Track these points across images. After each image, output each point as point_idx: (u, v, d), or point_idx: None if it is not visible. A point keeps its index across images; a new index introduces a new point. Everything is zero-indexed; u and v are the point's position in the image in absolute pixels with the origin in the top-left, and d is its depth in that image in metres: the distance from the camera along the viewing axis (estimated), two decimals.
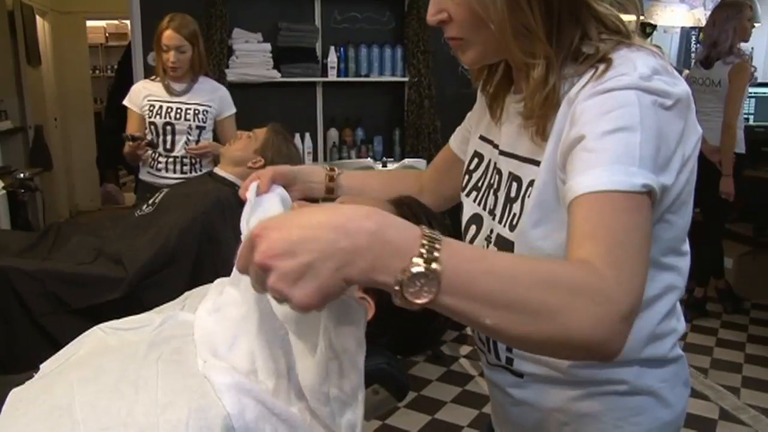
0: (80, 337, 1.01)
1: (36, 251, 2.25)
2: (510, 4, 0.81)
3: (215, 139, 3.07)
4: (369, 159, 3.90)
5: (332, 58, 4.37)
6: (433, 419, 2.88)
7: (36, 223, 3.76)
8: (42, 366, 0.98)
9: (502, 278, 0.60)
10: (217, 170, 2.45)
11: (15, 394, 0.87)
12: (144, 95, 2.94)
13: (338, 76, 4.42)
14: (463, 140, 1.16)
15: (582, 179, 0.73)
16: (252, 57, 4.20)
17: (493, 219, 0.95)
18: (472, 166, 1.08)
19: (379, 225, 0.59)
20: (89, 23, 7.09)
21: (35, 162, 5.23)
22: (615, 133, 0.74)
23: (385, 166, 3.67)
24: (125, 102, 3.01)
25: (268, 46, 4.21)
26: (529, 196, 0.88)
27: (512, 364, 0.98)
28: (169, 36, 2.82)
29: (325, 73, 4.40)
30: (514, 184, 0.92)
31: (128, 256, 2.14)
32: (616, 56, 0.82)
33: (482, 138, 1.07)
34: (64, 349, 1.01)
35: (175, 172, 2.96)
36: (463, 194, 1.09)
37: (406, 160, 3.71)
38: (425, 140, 4.58)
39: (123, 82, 4.45)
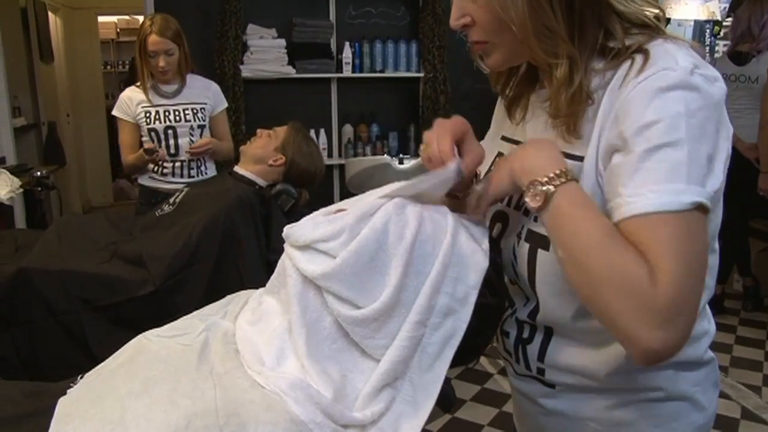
0: (125, 346, 0.99)
1: (50, 248, 2.24)
2: (531, 5, 0.81)
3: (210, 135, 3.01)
4: (386, 156, 3.87)
5: (347, 53, 4.34)
6: (453, 418, 2.86)
7: (52, 221, 3.75)
8: (86, 376, 0.96)
9: (581, 235, 0.76)
10: (237, 169, 2.42)
11: (63, 407, 0.85)
12: (137, 102, 2.82)
13: (353, 71, 4.40)
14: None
15: (631, 199, 0.74)
16: (266, 53, 4.18)
17: (526, 215, 0.93)
18: (493, 167, 1.06)
19: (545, 146, 0.85)
20: (100, 19, 7.08)
21: (49, 158, 5.23)
22: (662, 149, 0.73)
23: (402, 164, 3.62)
24: (115, 113, 2.86)
25: (282, 41, 4.20)
26: None
27: (544, 374, 0.96)
28: (154, 41, 2.71)
29: (339, 69, 4.38)
30: None
31: (150, 256, 2.12)
32: (653, 47, 0.80)
33: (504, 138, 1.07)
34: (110, 357, 0.99)
35: (182, 176, 2.88)
36: None
37: None
38: None
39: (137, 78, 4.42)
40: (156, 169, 2.87)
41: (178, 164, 2.86)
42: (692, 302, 0.71)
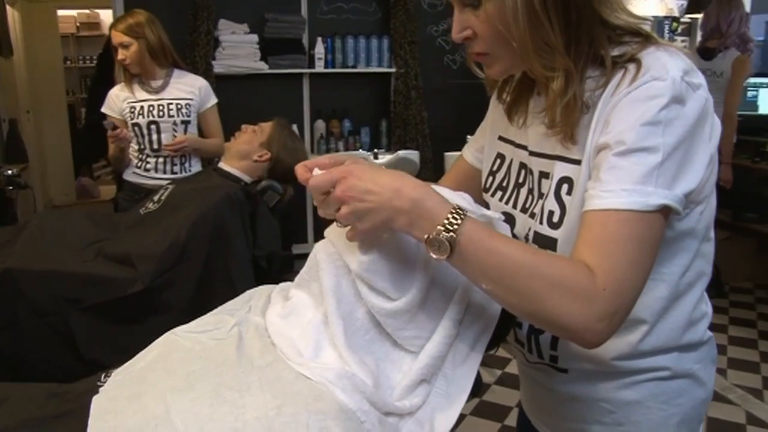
0: (154, 342, 1.00)
1: (33, 247, 2.20)
2: (531, 22, 0.84)
3: (199, 132, 2.99)
4: (361, 150, 3.88)
5: (319, 49, 4.34)
6: (481, 401, 2.81)
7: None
8: (114, 373, 0.96)
9: (499, 259, 0.77)
10: (222, 165, 2.41)
11: (99, 404, 0.85)
12: (123, 99, 2.83)
13: (325, 67, 4.40)
14: (478, 149, 1.17)
15: (601, 194, 0.80)
16: (239, 48, 4.16)
17: (532, 218, 0.96)
18: (495, 167, 1.10)
19: (421, 195, 0.79)
20: (60, 12, 6.91)
21: (11, 156, 5.09)
22: (638, 153, 0.79)
23: (377, 158, 3.66)
24: (104, 109, 2.88)
25: (254, 37, 4.17)
26: (568, 194, 0.90)
27: (557, 361, 1.00)
28: (113, 36, 2.77)
29: (312, 65, 4.38)
30: (544, 181, 0.95)
31: (138, 254, 2.10)
32: (645, 56, 0.84)
33: (502, 138, 1.09)
34: (138, 355, 0.99)
35: (165, 172, 2.86)
36: (487, 195, 1.10)
37: (401, 152, 3.71)
38: (412, 131, 4.58)
39: (105, 75, 4.34)
40: (139, 164, 2.85)
41: (161, 160, 2.84)
42: (631, 300, 0.78)
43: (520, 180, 1.03)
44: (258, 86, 4.30)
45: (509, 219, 1.02)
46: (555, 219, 0.91)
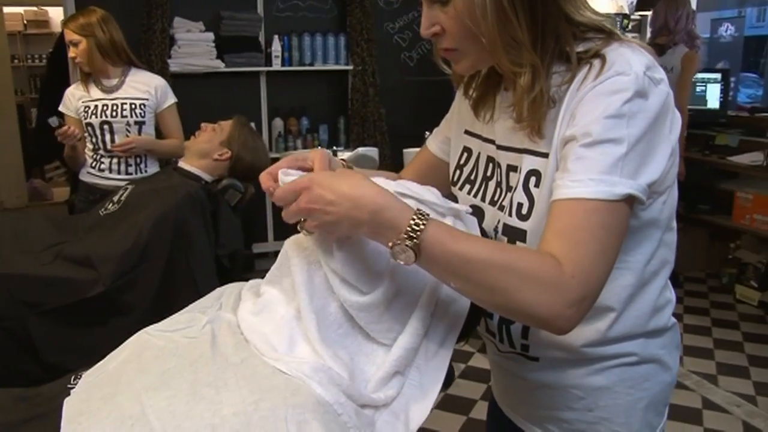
0: (126, 342, 0.99)
1: None
2: (500, 19, 0.86)
3: (158, 132, 2.96)
4: (321, 148, 3.88)
5: (276, 47, 4.33)
6: (447, 395, 2.83)
7: None
8: (85, 374, 0.96)
9: (466, 258, 0.78)
10: (182, 164, 2.39)
11: (72, 406, 0.85)
12: (78, 97, 2.80)
13: (282, 65, 4.39)
14: (443, 141, 1.19)
15: (568, 183, 0.83)
16: (195, 47, 4.12)
17: (501, 210, 0.99)
18: (462, 161, 1.12)
19: (381, 205, 0.79)
20: (6, 9, 6.70)
21: None
22: (604, 144, 0.82)
23: (336, 155, 3.65)
24: (61, 108, 2.84)
25: (210, 35, 4.14)
26: (536, 186, 0.93)
27: (528, 350, 1.03)
28: (65, 33, 2.76)
29: (269, 63, 4.36)
30: (513, 175, 0.98)
31: (98, 256, 2.08)
32: (609, 52, 0.87)
33: (468, 132, 1.11)
34: (110, 355, 0.99)
35: (119, 173, 2.81)
36: (455, 188, 1.13)
37: (360, 149, 3.71)
38: (371, 128, 4.61)
39: (57, 74, 4.24)
40: (93, 164, 2.80)
41: (115, 160, 2.79)
42: (598, 286, 0.81)
43: (488, 173, 1.05)
44: (214, 85, 4.27)
45: (478, 212, 1.04)
46: (524, 211, 0.94)
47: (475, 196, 1.07)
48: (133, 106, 2.75)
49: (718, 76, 4.27)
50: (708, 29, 5.22)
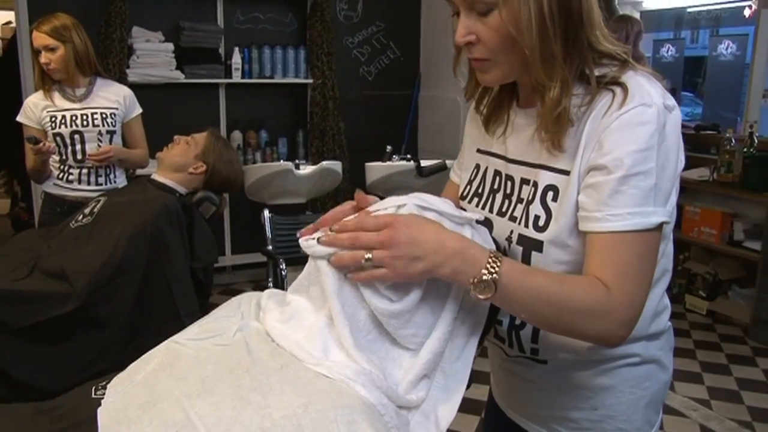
0: (151, 351, 1.00)
1: None
2: (541, 31, 0.92)
3: (123, 142, 2.93)
4: (282, 162, 3.89)
5: (236, 59, 4.34)
6: None
7: None
8: (110, 385, 0.97)
9: (535, 295, 0.90)
10: (157, 177, 2.39)
11: (108, 416, 0.86)
12: (42, 107, 2.71)
13: (242, 77, 4.40)
14: (462, 168, 1.27)
15: (608, 218, 0.92)
16: (154, 57, 4.09)
17: (514, 221, 1.06)
18: (472, 177, 1.19)
19: (463, 246, 0.89)
20: None
21: None
22: (636, 177, 0.90)
23: (298, 169, 3.68)
24: (20, 119, 2.75)
25: (170, 45, 4.12)
26: (554, 201, 1.00)
27: (537, 353, 1.10)
28: (35, 37, 2.65)
29: (228, 75, 4.37)
30: (531, 189, 1.04)
31: (73, 270, 2.06)
32: (628, 80, 0.94)
33: (479, 151, 1.19)
34: (133, 364, 1.00)
35: (89, 183, 2.76)
36: (464, 202, 1.19)
37: (325, 163, 3.75)
38: (330, 141, 4.65)
39: (7, 81, 4.14)
40: (61, 175, 2.73)
41: (84, 171, 2.74)
42: (641, 307, 0.93)
43: (495, 187, 1.12)
44: (174, 96, 4.25)
45: (487, 222, 1.10)
46: (541, 223, 1.01)
47: (483, 208, 1.13)
48: (104, 115, 2.72)
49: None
50: (651, 49, 5.47)
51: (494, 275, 0.87)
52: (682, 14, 6.25)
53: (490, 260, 0.88)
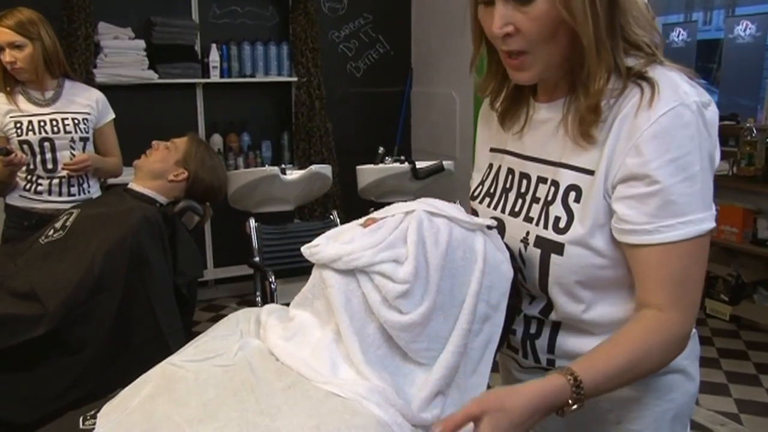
0: (145, 375, 0.99)
1: None
2: (594, 16, 0.93)
3: (94, 150, 2.89)
4: (268, 167, 3.86)
5: (214, 56, 4.33)
6: None
7: None
8: (101, 414, 0.95)
9: (620, 377, 0.95)
10: (134, 186, 2.36)
11: None
12: (5, 112, 2.63)
13: (221, 76, 4.39)
14: (475, 169, 1.29)
15: (661, 229, 0.94)
16: (124, 55, 4.07)
17: (530, 222, 1.07)
18: (484, 177, 1.22)
19: (541, 406, 0.88)
20: None
21: None
22: (682, 184, 0.92)
23: (285, 174, 3.67)
24: None
25: (141, 43, 4.10)
26: (576, 202, 1.01)
27: (554, 364, 1.10)
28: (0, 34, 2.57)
29: (206, 74, 4.35)
30: (551, 189, 1.05)
31: (44, 289, 2.02)
32: (657, 75, 0.96)
33: (493, 150, 1.21)
34: (125, 390, 0.98)
35: (60, 194, 2.71)
36: (474, 202, 1.21)
37: (313, 167, 3.74)
38: (317, 143, 4.64)
39: None
40: (28, 186, 2.67)
41: (56, 181, 2.69)
42: (695, 314, 0.99)
43: (507, 185, 1.14)
44: (147, 97, 4.23)
45: (498, 223, 1.11)
46: (561, 225, 1.02)
47: (495, 208, 1.15)
48: (77, 121, 2.68)
49: None
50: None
51: (581, 396, 0.90)
52: None
53: (570, 383, 0.89)
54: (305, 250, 0.99)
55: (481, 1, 0.99)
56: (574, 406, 0.90)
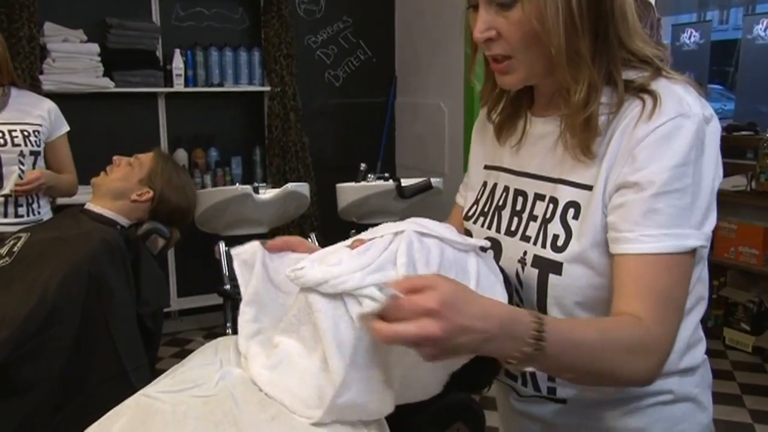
0: (117, 408, 1.00)
1: None
2: (567, 28, 0.98)
3: (46, 165, 2.86)
4: (245, 186, 3.80)
5: (177, 63, 4.32)
6: None
7: None
8: None
9: (583, 350, 0.92)
10: (91, 206, 2.32)
11: None
12: None
13: (185, 85, 4.38)
14: (468, 187, 1.34)
15: (641, 239, 0.97)
16: (75, 60, 4.05)
17: (527, 241, 1.11)
18: (479, 195, 1.27)
19: (508, 317, 0.88)
20: None
21: None
22: (672, 195, 0.96)
23: (258, 193, 3.66)
24: None
25: (95, 47, 4.08)
26: (575, 218, 1.06)
27: (555, 392, 1.13)
28: None
29: (169, 82, 4.34)
30: (549, 206, 1.10)
31: None
32: (660, 88, 1.00)
33: (487, 167, 1.27)
34: (94, 426, 0.98)
35: (6, 215, 2.68)
36: (468, 222, 1.26)
37: (289, 185, 3.74)
38: (292, 159, 4.64)
39: None
40: None
41: (0, 200, 2.67)
42: (675, 336, 0.98)
43: (500, 203, 1.19)
44: (101, 108, 4.21)
45: (494, 244, 1.15)
46: (559, 243, 1.06)
47: (489, 228, 1.20)
48: (26, 133, 2.66)
49: None
50: (669, 36, 5.54)
51: (542, 342, 0.87)
52: None
53: (534, 324, 0.87)
54: (290, 273, 1.00)
55: (470, 6, 1.06)
56: (530, 349, 0.87)
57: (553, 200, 1.09)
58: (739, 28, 5.45)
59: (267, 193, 3.76)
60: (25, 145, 2.67)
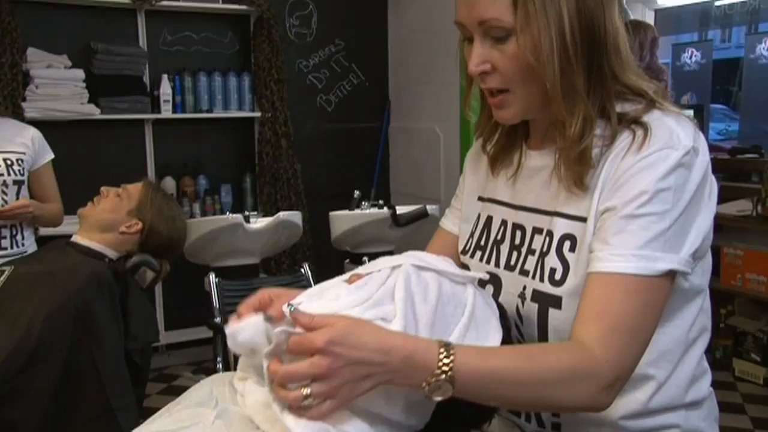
0: None
1: None
2: (562, 63, 1.01)
3: (29, 195, 2.88)
4: (236, 215, 3.82)
5: (165, 89, 4.36)
6: None
7: None
8: None
9: (503, 378, 0.94)
10: (78, 238, 2.35)
11: None
12: None
13: (173, 111, 4.41)
14: (459, 217, 1.36)
15: (609, 257, 0.99)
16: (59, 87, 4.08)
17: (526, 276, 1.14)
18: (474, 228, 1.30)
19: (410, 349, 0.91)
20: None
21: None
22: (646, 218, 0.99)
23: (249, 222, 3.68)
24: None
25: (80, 73, 4.12)
26: (571, 251, 1.08)
27: (560, 428, 1.15)
28: None
29: (156, 108, 4.37)
30: (546, 239, 1.13)
31: None
32: (652, 120, 1.04)
33: (481, 199, 1.30)
34: None
35: None
36: (465, 256, 1.29)
37: (282, 214, 3.75)
38: (284, 187, 4.67)
39: None
40: None
41: None
42: (632, 365, 0.99)
43: (499, 237, 1.22)
44: (87, 136, 4.24)
45: (494, 279, 1.19)
46: (557, 276, 1.09)
47: (487, 262, 1.23)
48: (9, 161, 2.69)
49: (689, 113, 4.60)
50: (669, 56, 5.59)
51: (449, 373, 0.90)
52: (709, 9, 6.41)
53: (441, 356, 0.91)
54: (286, 308, 1.02)
55: (465, 39, 1.10)
56: (440, 391, 0.90)
57: (550, 233, 1.12)
58: (741, 47, 5.50)
59: (258, 223, 3.78)
60: (8, 174, 2.69)
